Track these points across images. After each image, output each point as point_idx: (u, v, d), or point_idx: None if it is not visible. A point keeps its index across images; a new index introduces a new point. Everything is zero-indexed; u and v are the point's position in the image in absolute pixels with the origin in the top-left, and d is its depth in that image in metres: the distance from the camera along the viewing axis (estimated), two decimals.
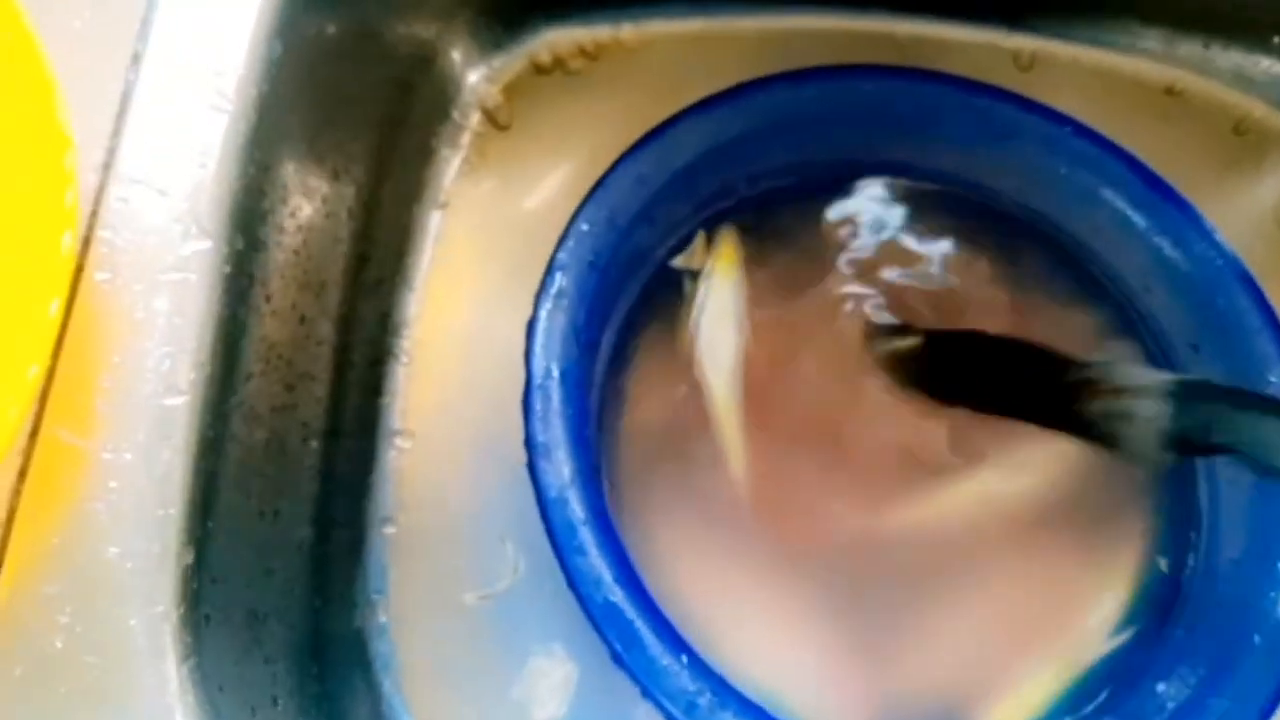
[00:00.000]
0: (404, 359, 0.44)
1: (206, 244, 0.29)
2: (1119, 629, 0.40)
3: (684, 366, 0.41)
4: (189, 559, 0.28)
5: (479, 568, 0.42)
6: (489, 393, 0.43)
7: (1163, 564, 0.42)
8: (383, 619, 0.41)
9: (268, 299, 0.32)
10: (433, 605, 0.41)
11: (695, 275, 0.43)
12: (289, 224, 0.33)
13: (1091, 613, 0.40)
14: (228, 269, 0.29)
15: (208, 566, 0.28)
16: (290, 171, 0.33)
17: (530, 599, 0.42)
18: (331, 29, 0.35)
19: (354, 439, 0.41)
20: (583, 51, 0.50)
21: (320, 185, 0.36)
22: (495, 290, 0.45)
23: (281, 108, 0.32)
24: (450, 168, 0.47)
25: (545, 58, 0.49)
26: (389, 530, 0.42)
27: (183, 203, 0.29)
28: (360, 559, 0.41)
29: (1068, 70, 0.52)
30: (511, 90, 0.49)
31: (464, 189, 0.47)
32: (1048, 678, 0.39)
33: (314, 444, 0.37)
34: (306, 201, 0.35)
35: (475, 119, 0.48)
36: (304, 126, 0.34)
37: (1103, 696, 0.39)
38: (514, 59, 0.49)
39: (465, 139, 0.47)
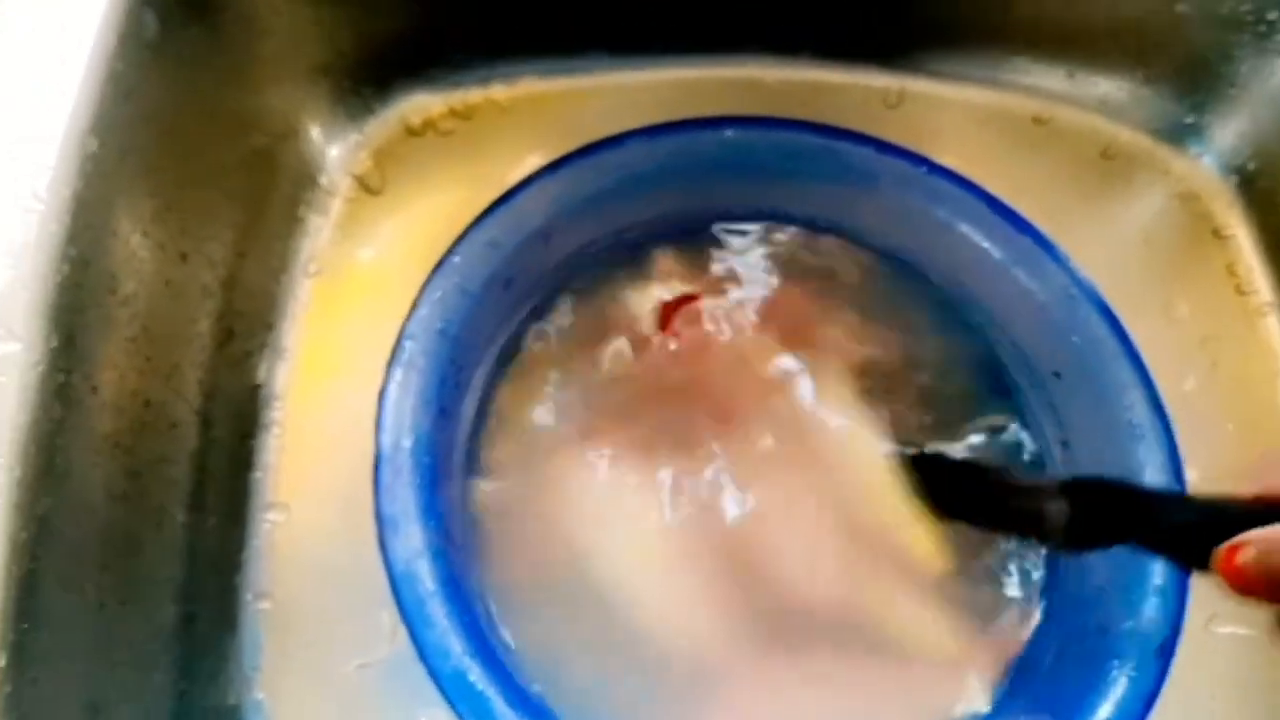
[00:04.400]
0: (276, 431, 0.44)
1: (15, 346, 0.29)
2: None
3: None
4: None
5: (358, 637, 0.41)
6: (362, 461, 0.42)
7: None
8: (260, 695, 0.41)
9: (94, 390, 0.32)
10: (312, 678, 0.41)
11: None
12: (121, 314, 0.34)
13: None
14: (40, 368, 0.29)
15: (25, 669, 0.28)
16: (119, 261, 0.33)
17: (411, 665, 0.41)
18: (163, 118, 0.36)
19: (222, 516, 0.41)
20: (454, 112, 0.50)
21: (163, 269, 0.36)
22: (370, 357, 0.45)
23: (104, 202, 0.32)
24: (322, 235, 0.47)
25: (416, 120, 0.50)
26: (264, 605, 0.42)
27: None
28: (233, 636, 0.40)
29: (936, 106, 0.52)
30: (383, 154, 0.49)
31: (336, 256, 0.47)
32: None
33: (173, 527, 0.37)
34: (143, 288, 0.35)
35: (346, 185, 0.48)
36: (136, 215, 0.34)
37: None
38: (383, 123, 0.49)
39: (336, 205, 0.47)
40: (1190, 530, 0.30)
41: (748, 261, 0.48)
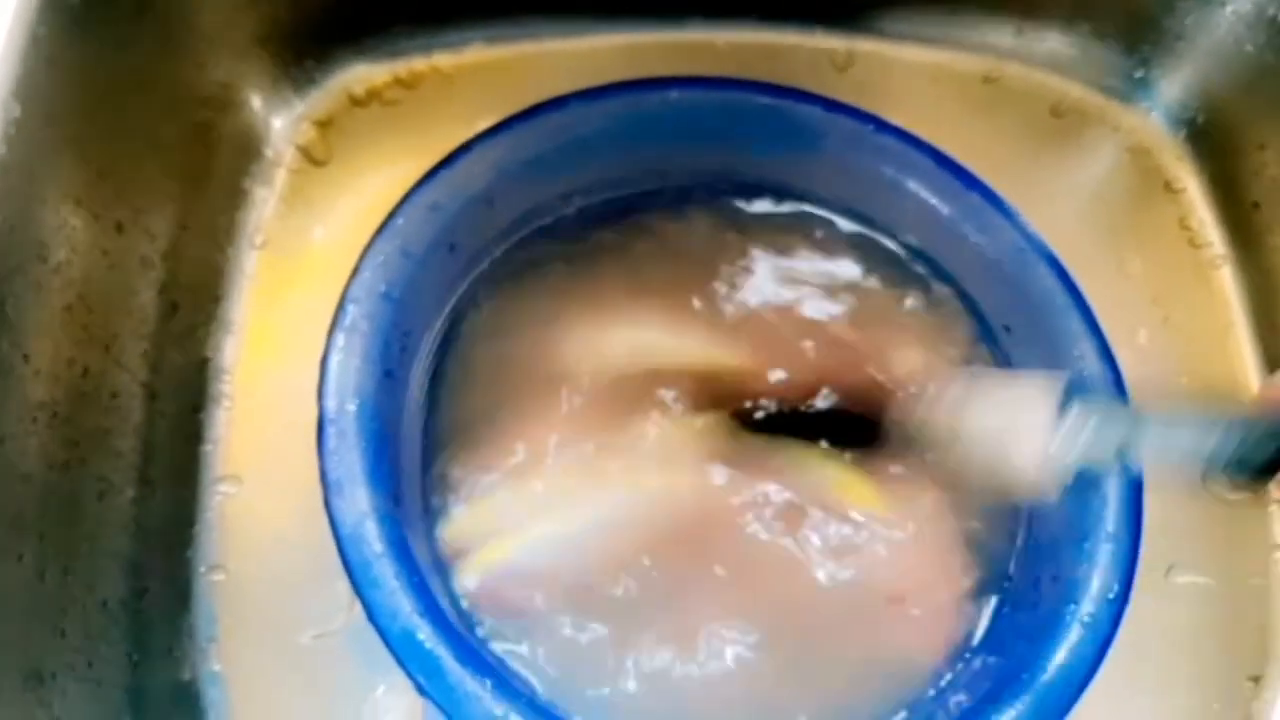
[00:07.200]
0: (225, 404, 0.43)
1: None
2: None
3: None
4: None
5: (313, 607, 0.41)
6: (313, 433, 0.42)
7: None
8: (215, 667, 0.41)
9: (25, 358, 0.32)
10: (268, 649, 0.41)
11: None
12: (53, 281, 0.33)
13: None
14: None
15: None
16: (49, 229, 0.33)
17: (367, 634, 0.41)
18: (93, 86, 0.35)
19: (171, 489, 0.40)
20: (398, 81, 0.50)
21: (98, 239, 0.36)
22: (318, 329, 0.44)
23: (29, 168, 0.32)
24: (267, 207, 0.47)
25: (360, 90, 0.49)
26: (217, 577, 0.41)
27: None
28: (187, 609, 0.40)
29: (885, 66, 0.52)
30: (327, 125, 0.49)
31: (282, 227, 0.47)
32: None
33: (118, 498, 0.37)
34: (77, 256, 0.35)
35: (290, 156, 0.47)
36: (65, 183, 0.34)
37: None
38: (327, 93, 0.49)
39: (280, 177, 0.47)
40: None
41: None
